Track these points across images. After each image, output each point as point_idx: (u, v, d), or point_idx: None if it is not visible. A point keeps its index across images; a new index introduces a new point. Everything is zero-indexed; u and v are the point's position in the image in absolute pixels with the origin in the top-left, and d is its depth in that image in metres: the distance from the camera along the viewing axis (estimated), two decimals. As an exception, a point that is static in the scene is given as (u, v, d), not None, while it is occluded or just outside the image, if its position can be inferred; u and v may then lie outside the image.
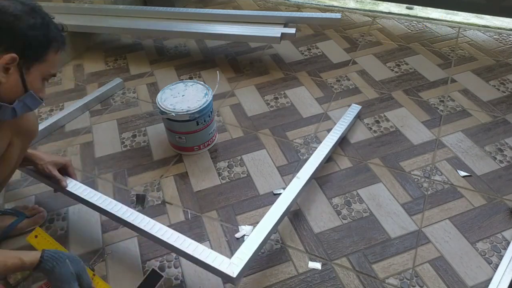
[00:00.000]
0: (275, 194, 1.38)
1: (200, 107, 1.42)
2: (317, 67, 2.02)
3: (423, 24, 2.36)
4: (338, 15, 1.98)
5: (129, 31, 2.21)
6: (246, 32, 1.93)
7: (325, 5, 2.65)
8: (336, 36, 2.27)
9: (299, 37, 2.24)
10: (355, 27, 2.36)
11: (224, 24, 2.00)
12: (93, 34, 2.31)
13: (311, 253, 1.21)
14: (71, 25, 2.06)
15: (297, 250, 1.22)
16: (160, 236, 1.04)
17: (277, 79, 1.95)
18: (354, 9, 2.58)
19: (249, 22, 2.00)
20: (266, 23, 1.97)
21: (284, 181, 1.43)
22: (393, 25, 2.37)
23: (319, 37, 2.27)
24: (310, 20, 2.13)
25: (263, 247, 1.21)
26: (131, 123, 1.73)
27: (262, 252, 1.21)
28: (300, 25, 2.32)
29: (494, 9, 2.21)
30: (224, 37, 2.06)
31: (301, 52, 2.15)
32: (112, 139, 1.65)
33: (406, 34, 2.27)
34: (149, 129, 1.70)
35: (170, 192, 1.42)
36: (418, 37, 2.23)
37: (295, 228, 1.28)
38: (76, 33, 2.14)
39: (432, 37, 2.23)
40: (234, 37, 2.02)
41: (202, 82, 1.54)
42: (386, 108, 1.74)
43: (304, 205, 1.35)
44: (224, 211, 1.35)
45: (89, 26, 2.10)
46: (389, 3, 2.57)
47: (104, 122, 1.74)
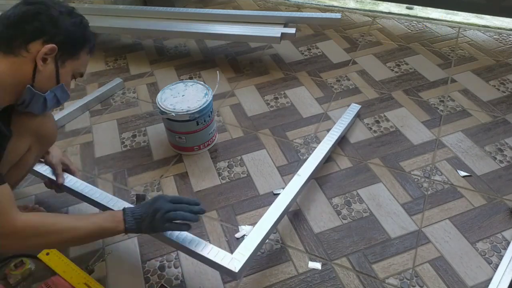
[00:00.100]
0: (275, 194, 1.38)
1: (200, 107, 1.42)
2: (317, 67, 2.02)
3: (423, 24, 2.36)
4: (338, 15, 1.98)
5: (129, 31, 2.21)
6: (246, 32, 1.93)
7: (325, 5, 2.65)
8: (336, 36, 2.27)
9: (299, 37, 2.24)
10: (355, 27, 2.36)
11: (224, 24, 2.00)
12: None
13: (311, 253, 1.21)
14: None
15: (297, 250, 1.22)
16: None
17: (277, 79, 1.95)
18: (354, 9, 2.58)
19: (249, 22, 2.00)
20: (266, 23, 1.97)
21: (284, 181, 1.43)
22: (393, 25, 2.37)
23: (319, 37, 2.27)
24: (310, 20, 2.13)
25: (263, 247, 1.22)
26: (131, 123, 1.73)
27: (262, 252, 1.21)
28: (300, 25, 2.32)
29: (494, 9, 2.22)
30: (224, 37, 2.06)
31: (301, 52, 2.15)
32: (112, 139, 1.65)
33: (406, 34, 2.27)
34: (149, 129, 1.70)
35: (170, 192, 1.42)
36: (418, 37, 2.23)
37: (295, 228, 1.28)
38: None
39: (432, 37, 2.23)
40: (234, 37, 2.02)
41: (202, 82, 1.54)
42: (386, 108, 1.74)
43: (304, 205, 1.35)
44: (224, 211, 1.35)
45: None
46: (389, 3, 2.57)
47: (104, 122, 1.74)
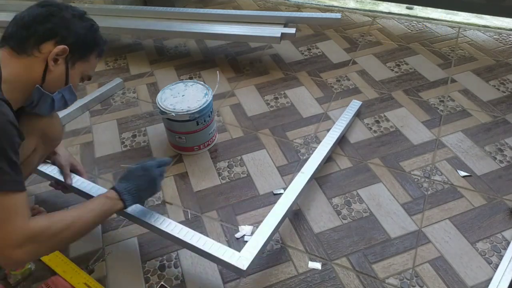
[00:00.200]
0: (275, 194, 1.38)
1: (200, 107, 1.42)
2: (317, 67, 2.02)
3: (423, 24, 2.36)
4: (338, 15, 1.98)
5: (129, 31, 2.21)
6: (246, 32, 1.93)
7: (325, 5, 2.65)
8: (336, 36, 2.27)
9: (299, 37, 2.24)
10: (355, 27, 2.36)
11: (224, 24, 2.00)
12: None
13: (311, 253, 1.21)
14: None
15: (297, 250, 1.22)
16: (170, 231, 1.05)
17: (277, 79, 1.95)
18: (354, 9, 2.58)
19: (249, 22, 2.00)
20: (266, 23, 1.97)
21: (284, 181, 1.43)
22: (393, 25, 2.37)
23: (319, 37, 2.27)
24: (310, 20, 2.13)
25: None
26: (131, 123, 1.73)
27: (262, 252, 1.21)
28: (300, 25, 2.32)
29: (494, 9, 2.21)
30: (224, 37, 2.06)
31: (301, 52, 2.15)
32: (112, 139, 1.65)
33: (406, 34, 2.27)
34: (149, 129, 1.70)
35: (170, 192, 1.42)
36: (418, 37, 2.23)
37: (295, 228, 1.28)
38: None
39: (432, 37, 2.23)
40: (234, 37, 2.02)
41: (202, 82, 1.54)
42: (386, 108, 1.74)
43: (304, 205, 1.35)
44: (224, 211, 1.35)
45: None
46: (389, 3, 2.57)
47: (104, 122, 1.74)
